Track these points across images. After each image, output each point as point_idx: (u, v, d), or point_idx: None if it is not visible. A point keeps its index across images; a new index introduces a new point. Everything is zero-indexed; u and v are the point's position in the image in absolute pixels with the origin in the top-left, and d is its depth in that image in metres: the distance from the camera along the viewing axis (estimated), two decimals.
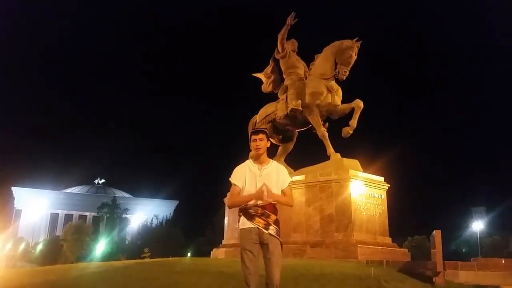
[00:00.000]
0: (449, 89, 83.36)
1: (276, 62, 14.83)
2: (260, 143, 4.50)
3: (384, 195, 12.93)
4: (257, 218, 4.29)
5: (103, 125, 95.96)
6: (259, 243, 4.27)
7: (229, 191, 4.61)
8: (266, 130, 4.80)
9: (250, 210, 4.33)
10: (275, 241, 4.27)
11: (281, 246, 4.33)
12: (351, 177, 12.11)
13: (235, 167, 4.62)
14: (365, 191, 12.41)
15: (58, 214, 66.61)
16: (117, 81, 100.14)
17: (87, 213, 63.37)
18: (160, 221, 47.93)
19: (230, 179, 4.54)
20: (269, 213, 4.32)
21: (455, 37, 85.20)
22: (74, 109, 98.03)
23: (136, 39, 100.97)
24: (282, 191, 4.48)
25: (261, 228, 4.25)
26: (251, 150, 15.61)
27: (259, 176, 4.42)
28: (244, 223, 4.35)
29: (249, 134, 4.68)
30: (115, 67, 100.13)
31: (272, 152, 14.82)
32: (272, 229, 4.27)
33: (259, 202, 4.32)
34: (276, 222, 4.35)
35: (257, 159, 4.55)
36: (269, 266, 4.21)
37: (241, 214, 4.40)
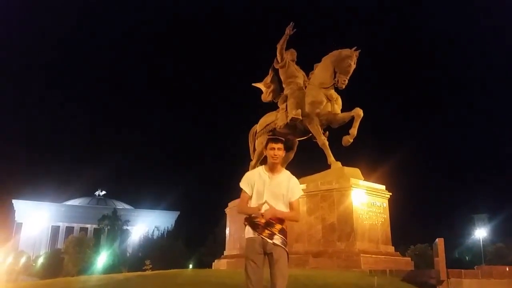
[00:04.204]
0: (450, 97, 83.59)
1: (276, 71, 14.89)
2: (278, 152, 4.40)
3: (386, 203, 12.87)
4: (261, 228, 4.20)
5: (104, 137, 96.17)
6: (263, 254, 4.19)
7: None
8: (283, 139, 4.71)
9: (254, 220, 4.25)
10: (280, 250, 4.17)
11: (288, 256, 4.23)
12: (352, 185, 12.07)
13: (245, 173, 4.54)
14: (366, 199, 12.35)
15: (59, 226, 66.39)
16: (117, 93, 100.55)
17: (88, 225, 63.09)
18: (162, 232, 47.76)
19: (240, 183, 4.45)
20: (274, 223, 4.22)
21: (457, 41, 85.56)
22: (74, 121, 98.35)
23: (136, 48, 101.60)
24: (290, 204, 4.35)
25: (265, 238, 4.17)
26: (252, 160, 15.45)
27: (268, 184, 4.33)
28: (249, 232, 4.27)
29: (266, 141, 4.61)
30: (116, 78, 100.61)
31: None
32: (277, 239, 4.18)
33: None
34: (282, 231, 4.25)
35: (271, 167, 4.44)
36: (273, 276, 4.13)
37: (246, 223, 4.33)
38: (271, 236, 4.18)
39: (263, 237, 4.18)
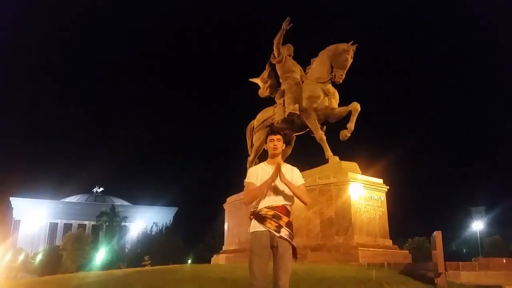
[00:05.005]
0: (447, 90, 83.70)
1: (273, 67, 14.87)
2: (278, 143, 4.48)
3: (383, 197, 12.92)
4: (268, 221, 4.15)
5: (101, 134, 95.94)
6: (269, 247, 4.14)
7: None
8: (281, 132, 4.77)
9: (261, 213, 4.20)
10: (286, 244, 4.14)
11: (294, 250, 4.20)
12: (350, 180, 12.10)
13: (246, 170, 4.61)
14: (364, 193, 12.40)
15: (57, 223, 66.37)
16: (116, 89, 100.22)
17: (86, 222, 63.09)
18: (160, 228, 47.79)
19: (245, 180, 4.44)
20: (281, 215, 4.20)
21: (455, 35, 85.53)
22: (72, 118, 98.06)
23: (136, 46, 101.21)
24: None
25: (272, 231, 4.12)
26: (249, 155, 15.49)
27: None
28: (255, 226, 4.21)
29: (265, 136, 4.69)
30: (114, 75, 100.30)
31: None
32: (284, 232, 4.15)
33: (272, 204, 4.22)
34: (289, 225, 4.23)
35: (272, 158, 4.49)
36: (277, 270, 4.07)
37: (252, 217, 4.29)
38: (278, 229, 4.14)
39: (270, 230, 4.13)
